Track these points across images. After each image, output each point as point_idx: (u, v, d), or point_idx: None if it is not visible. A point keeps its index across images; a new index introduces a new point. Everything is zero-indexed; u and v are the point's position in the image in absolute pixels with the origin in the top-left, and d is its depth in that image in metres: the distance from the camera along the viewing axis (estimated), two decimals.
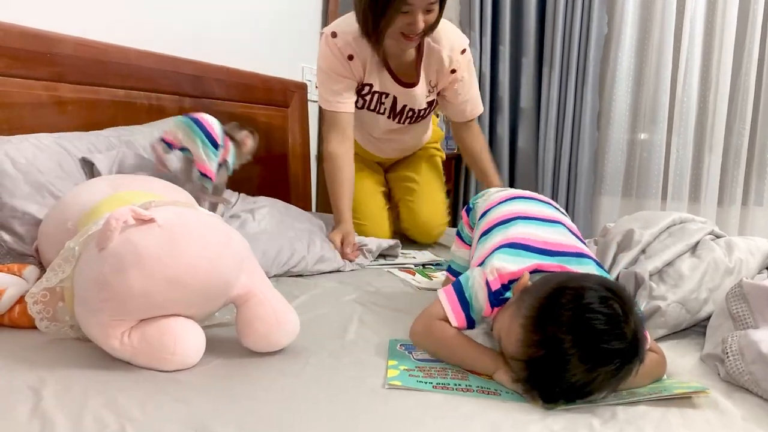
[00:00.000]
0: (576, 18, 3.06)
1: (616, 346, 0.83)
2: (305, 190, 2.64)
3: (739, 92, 2.96)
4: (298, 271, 1.56)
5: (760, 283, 1.08)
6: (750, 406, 0.91)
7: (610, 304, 0.85)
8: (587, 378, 0.84)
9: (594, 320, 0.83)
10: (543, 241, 1.11)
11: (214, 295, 0.98)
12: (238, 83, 2.25)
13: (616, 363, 0.83)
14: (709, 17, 2.99)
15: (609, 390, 0.87)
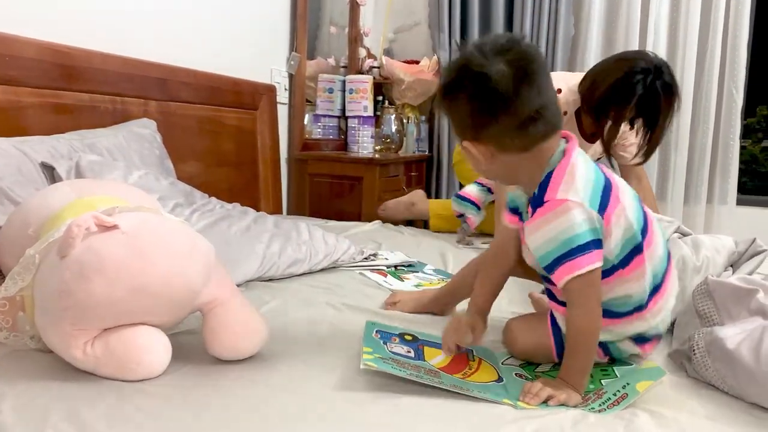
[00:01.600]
0: (543, 20, 3.09)
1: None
2: (276, 193, 2.62)
3: (703, 93, 3.01)
4: (270, 275, 1.54)
5: (725, 280, 1.10)
6: (717, 403, 0.93)
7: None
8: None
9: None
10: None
11: (181, 303, 0.96)
12: (205, 86, 2.23)
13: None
14: (672, 19, 3.04)
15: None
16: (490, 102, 0.92)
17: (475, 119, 0.95)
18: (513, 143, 0.95)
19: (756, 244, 1.33)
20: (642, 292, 1.00)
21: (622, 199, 0.98)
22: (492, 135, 0.95)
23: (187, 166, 2.10)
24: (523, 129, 0.94)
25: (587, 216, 0.92)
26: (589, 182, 0.96)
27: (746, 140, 4.56)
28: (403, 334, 1.10)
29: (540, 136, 0.95)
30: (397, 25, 3.50)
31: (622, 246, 0.97)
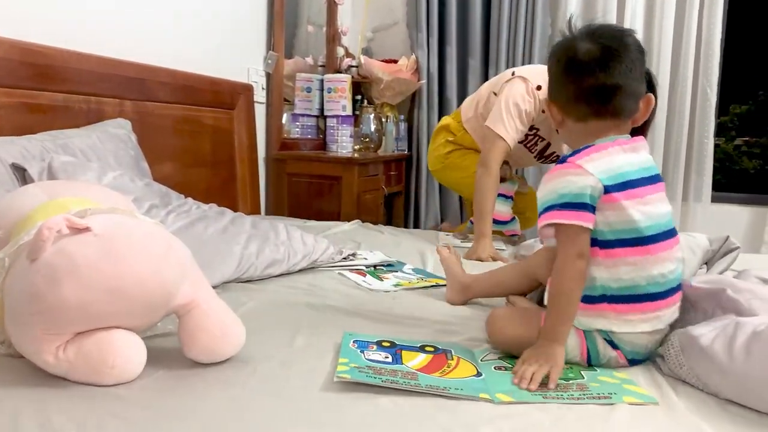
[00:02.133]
0: (520, 19, 3.11)
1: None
2: (254, 193, 2.60)
3: (678, 92, 3.05)
4: (248, 276, 1.52)
5: (698, 285, 1.11)
6: (694, 400, 0.94)
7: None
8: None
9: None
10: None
11: (156, 306, 0.95)
12: (183, 86, 2.20)
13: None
14: (647, 19, 3.08)
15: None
16: (570, 67, 1.11)
17: (557, 80, 1.15)
18: (573, 110, 1.12)
19: (729, 242, 1.34)
20: (609, 281, 1.04)
21: (638, 202, 1.04)
22: (561, 99, 1.14)
23: (164, 167, 2.08)
24: (581, 101, 1.10)
25: (593, 183, 1.03)
26: (615, 167, 1.05)
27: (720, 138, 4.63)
28: (381, 341, 1.10)
29: (593, 112, 1.09)
30: (376, 24, 3.50)
31: (613, 231, 1.03)
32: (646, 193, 1.07)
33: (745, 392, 0.90)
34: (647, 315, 1.05)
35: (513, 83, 2.10)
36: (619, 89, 1.08)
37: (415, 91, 3.31)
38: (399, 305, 1.40)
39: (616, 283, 1.03)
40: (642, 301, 1.04)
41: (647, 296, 1.04)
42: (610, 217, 1.03)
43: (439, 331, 1.23)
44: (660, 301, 1.05)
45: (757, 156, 4.97)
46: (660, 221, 1.06)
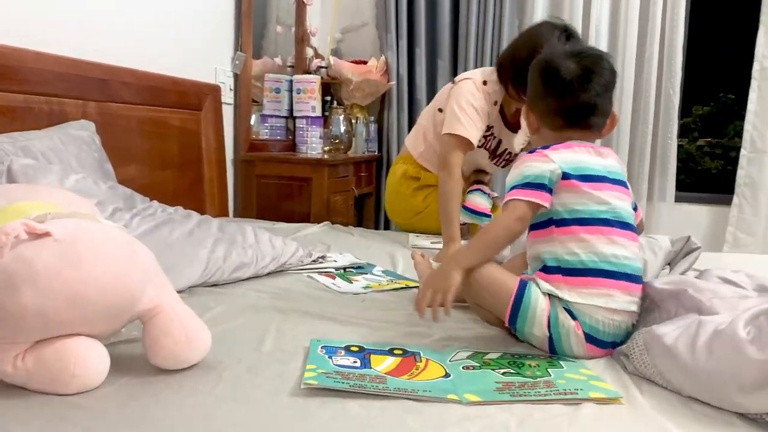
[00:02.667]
0: (488, 21, 3.13)
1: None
2: (221, 195, 2.57)
3: (642, 95, 3.10)
4: (215, 281, 1.51)
5: (662, 286, 1.14)
6: (658, 398, 0.95)
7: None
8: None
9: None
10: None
11: (119, 312, 0.93)
12: (147, 86, 2.17)
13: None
14: (612, 24, 3.13)
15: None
16: (551, 83, 1.24)
17: (537, 93, 1.28)
18: (549, 121, 1.26)
19: (690, 242, 1.37)
20: (563, 254, 1.14)
21: (596, 191, 1.16)
22: (540, 109, 1.27)
23: (129, 169, 2.04)
24: (559, 115, 1.24)
25: (553, 168, 1.16)
26: (576, 160, 1.18)
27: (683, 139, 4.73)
28: (349, 346, 1.09)
29: (568, 125, 1.24)
30: (345, 25, 3.49)
31: (568, 211, 1.15)
32: (606, 188, 1.18)
33: (707, 389, 0.92)
34: (599, 290, 1.12)
35: (458, 87, 2.12)
36: (595, 108, 1.23)
37: (385, 93, 3.31)
38: (369, 308, 1.40)
39: (570, 256, 1.13)
40: (593, 275, 1.12)
41: (598, 272, 1.12)
42: (566, 198, 1.16)
43: (408, 333, 1.23)
44: (611, 280, 1.12)
45: (719, 156, 5.09)
46: (617, 211, 1.16)
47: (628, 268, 1.14)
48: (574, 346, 1.12)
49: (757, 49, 2.97)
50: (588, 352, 1.12)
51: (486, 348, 1.14)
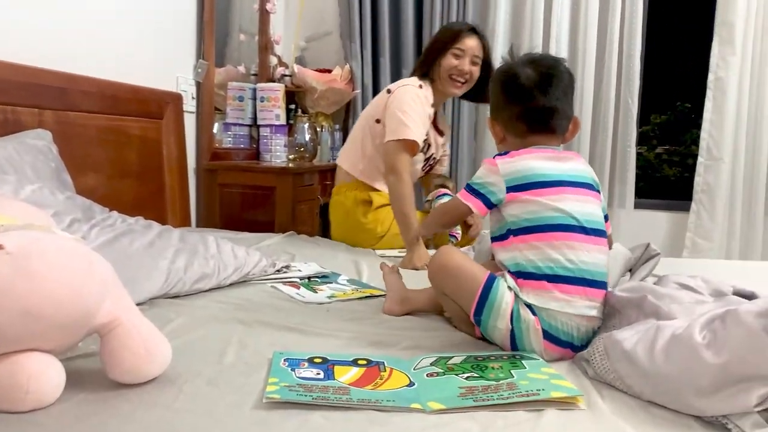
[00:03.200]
0: None
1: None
2: (183, 205, 2.53)
3: (601, 103, 3.17)
4: (176, 292, 1.48)
5: (622, 294, 1.16)
6: (618, 403, 0.97)
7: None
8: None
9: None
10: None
11: (75, 326, 0.90)
12: (107, 95, 2.13)
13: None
14: (572, 35, 3.19)
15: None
16: (510, 90, 1.30)
17: (499, 102, 1.32)
18: (513, 128, 1.31)
19: (650, 249, 1.40)
20: (520, 259, 1.18)
21: (547, 198, 1.19)
22: (503, 117, 1.32)
23: (88, 179, 2.00)
24: (521, 120, 1.29)
25: (495, 180, 1.23)
26: (525, 169, 1.22)
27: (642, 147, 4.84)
28: (313, 357, 1.09)
29: (531, 130, 1.28)
30: (309, 33, 3.49)
31: (519, 221, 1.20)
32: (564, 192, 1.21)
33: (665, 393, 0.94)
34: (554, 294, 1.14)
35: (397, 95, 2.18)
36: (555, 111, 1.28)
37: (350, 101, 3.31)
38: (333, 317, 1.39)
39: (527, 262, 1.17)
40: (549, 280, 1.15)
41: (554, 277, 1.15)
42: (515, 210, 1.21)
43: (373, 342, 1.22)
44: (568, 285, 1.14)
45: (676, 164, 5.22)
46: (575, 216, 1.18)
47: (587, 273, 1.16)
48: (534, 343, 1.15)
49: (712, 59, 3.06)
50: (546, 349, 1.15)
51: (451, 352, 1.15)
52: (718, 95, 3.06)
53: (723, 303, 1.13)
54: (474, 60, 2.25)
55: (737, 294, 1.25)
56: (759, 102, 3.02)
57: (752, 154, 3.07)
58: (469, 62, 2.25)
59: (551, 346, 1.15)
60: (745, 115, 3.04)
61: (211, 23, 2.70)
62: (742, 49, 3.00)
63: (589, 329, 1.16)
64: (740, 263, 2.52)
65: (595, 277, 1.18)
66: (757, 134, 3.04)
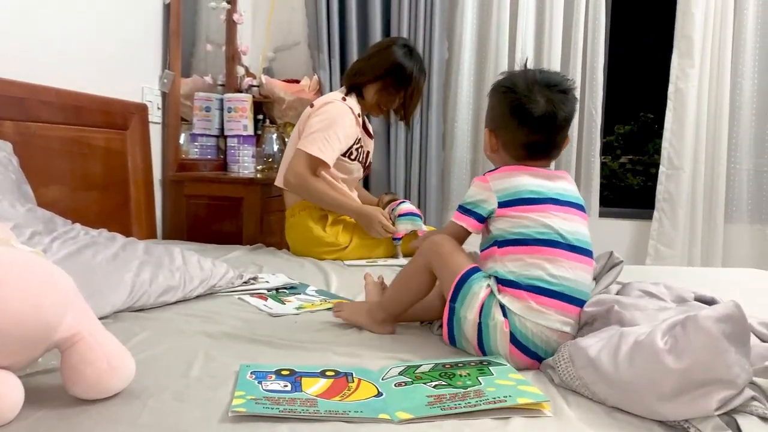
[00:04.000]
0: (419, 44, 3.19)
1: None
2: (149, 217, 2.50)
3: None
4: (140, 305, 1.46)
5: (589, 309, 1.18)
6: (583, 409, 0.98)
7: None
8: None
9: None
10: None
11: (34, 341, 0.88)
12: (70, 105, 2.09)
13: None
14: (537, 47, 3.24)
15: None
16: (520, 117, 1.28)
17: (502, 121, 1.32)
18: (513, 150, 1.32)
19: (613, 257, 1.42)
20: (501, 268, 1.20)
21: (536, 215, 1.21)
22: (505, 137, 1.32)
23: (50, 191, 1.96)
24: (524, 147, 1.30)
25: (486, 197, 1.26)
26: (517, 185, 1.25)
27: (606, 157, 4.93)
28: (280, 369, 1.08)
29: (530, 156, 1.30)
30: (277, 44, 3.48)
31: (504, 234, 1.22)
32: (551, 210, 1.22)
33: (629, 399, 0.95)
34: (530, 303, 1.16)
35: (319, 107, 2.21)
36: (557, 144, 1.32)
37: None
38: (301, 329, 1.38)
39: (506, 272, 1.19)
40: (526, 290, 1.17)
41: (532, 287, 1.17)
42: (504, 225, 1.23)
43: (341, 353, 1.22)
44: (544, 297, 1.16)
45: (640, 173, 5.33)
46: (561, 234, 1.20)
47: (566, 288, 1.17)
48: (499, 344, 1.17)
49: (672, 71, 3.14)
50: (512, 354, 1.16)
51: (419, 361, 1.15)
52: (678, 106, 3.14)
53: (685, 309, 1.15)
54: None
55: (698, 300, 1.28)
56: (717, 112, 3.11)
57: (711, 163, 3.15)
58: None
59: (518, 353, 1.16)
60: (704, 125, 3.13)
61: (177, 33, 2.68)
62: (700, 61, 3.09)
63: (559, 345, 1.15)
64: (701, 270, 2.58)
65: (574, 294, 1.19)
66: (716, 144, 3.13)
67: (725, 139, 3.10)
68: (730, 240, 3.17)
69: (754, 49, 3.07)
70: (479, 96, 3.30)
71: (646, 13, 4.86)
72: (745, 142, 3.12)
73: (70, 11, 2.15)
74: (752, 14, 3.05)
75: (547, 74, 1.32)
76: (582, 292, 1.20)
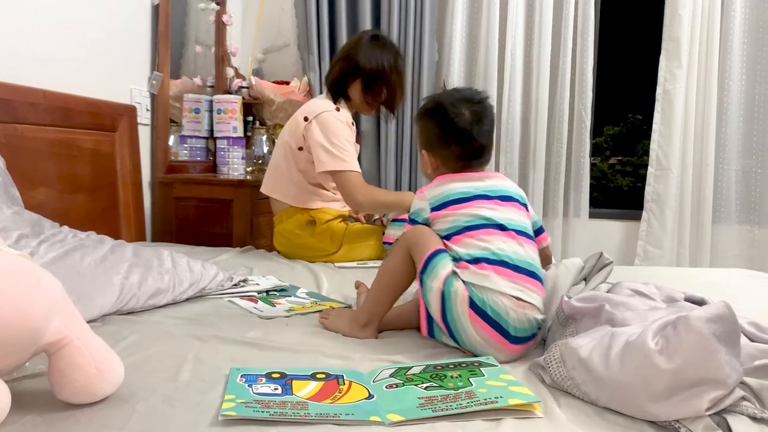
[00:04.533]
0: (409, 45, 3.19)
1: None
2: (138, 219, 2.48)
3: (556, 117, 3.23)
4: (129, 308, 1.44)
5: (579, 304, 1.18)
6: (575, 410, 0.98)
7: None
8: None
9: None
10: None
11: (21, 346, 0.87)
12: (57, 107, 2.07)
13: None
14: (527, 49, 3.25)
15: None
16: (452, 132, 1.40)
17: (437, 140, 1.43)
18: (452, 163, 1.42)
19: (603, 258, 1.43)
20: (458, 254, 1.28)
21: (464, 210, 1.33)
22: (441, 154, 1.43)
23: (37, 194, 1.94)
24: (459, 159, 1.42)
25: (423, 206, 1.38)
26: (444, 192, 1.37)
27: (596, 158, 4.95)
28: (270, 372, 1.07)
29: (466, 166, 1.41)
30: (266, 45, 3.47)
31: (445, 230, 1.33)
32: (477, 203, 1.34)
33: (620, 399, 0.95)
34: (472, 269, 1.25)
35: (318, 122, 2.16)
36: (488, 148, 1.43)
37: None
38: (292, 331, 1.38)
39: (458, 253, 1.28)
40: (475, 262, 1.25)
41: (478, 260, 1.26)
42: (439, 225, 1.35)
43: (332, 356, 1.21)
44: (483, 263, 1.25)
45: (629, 174, 5.36)
46: (491, 218, 1.31)
47: (505, 257, 1.26)
48: (460, 311, 1.22)
49: (660, 73, 3.16)
50: (473, 323, 1.21)
51: (410, 363, 1.15)
52: (666, 107, 3.16)
53: (675, 309, 1.15)
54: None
55: (688, 300, 1.29)
56: (705, 113, 3.13)
57: (699, 163, 3.17)
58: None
59: (478, 319, 1.21)
60: (692, 126, 3.14)
61: (166, 34, 2.67)
62: (687, 62, 3.11)
63: (522, 318, 1.21)
64: (690, 270, 2.59)
65: (517, 263, 1.26)
66: (704, 145, 3.15)
67: (713, 139, 3.12)
68: (717, 240, 3.19)
69: (741, 50, 3.10)
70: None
71: (634, 15, 4.89)
72: (733, 142, 3.14)
73: (57, 12, 2.13)
74: (739, 16, 3.08)
75: (463, 91, 1.48)
76: (526, 262, 1.28)
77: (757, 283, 2.00)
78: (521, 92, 3.25)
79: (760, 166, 3.14)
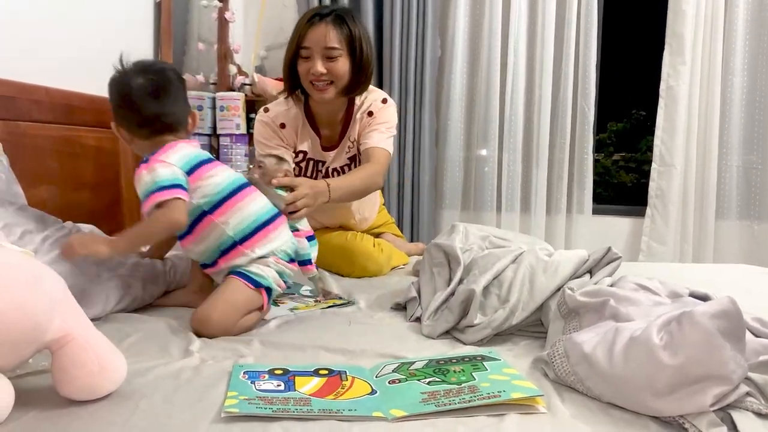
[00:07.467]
0: (411, 42, 3.18)
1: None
2: (141, 216, 2.47)
3: (559, 113, 3.22)
4: (133, 306, 1.45)
5: (584, 299, 1.17)
6: (578, 405, 0.98)
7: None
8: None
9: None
10: None
11: (22, 343, 0.87)
12: (60, 104, 2.07)
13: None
14: (530, 46, 3.23)
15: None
16: (123, 103, 1.43)
17: (117, 112, 1.45)
18: (138, 133, 1.44)
19: (611, 253, 1.42)
20: (234, 226, 1.39)
21: (213, 172, 1.41)
22: (124, 125, 1.45)
23: (40, 191, 1.94)
24: (143, 126, 1.43)
25: (171, 171, 1.35)
26: (185, 155, 1.40)
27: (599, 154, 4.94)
28: (273, 369, 1.07)
29: (154, 132, 1.43)
30: (269, 42, 3.47)
31: (211, 196, 1.39)
32: (209, 169, 1.41)
33: (624, 395, 0.95)
34: (265, 239, 1.42)
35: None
36: (169, 114, 1.43)
37: None
38: (295, 329, 1.38)
39: (240, 225, 1.39)
40: (260, 230, 1.40)
41: (263, 224, 1.41)
42: (202, 190, 1.39)
43: (335, 352, 1.21)
44: (267, 227, 1.42)
45: (633, 170, 5.34)
46: (224, 186, 1.41)
47: (267, 215, 1.44)
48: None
49: (663, 69, 3.15)
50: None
51: (413, 358, 1.14)
52: (670, 103, 3.14)
53: (680, 304, 1.15)
54: (329, 54, 1.85)
55: (693, 295, 1.28)
56: (708, 109, 3.12)
57: (703, 159, 3.16)
58: (323, 59, 1.86)
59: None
60: (695, 122, 3.13)
61: (168, 32, 2.67)
62: (691, 58, 3.09)
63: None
64: (693, 266, 2.59)
65: (267, 215, 1.44)
66: (707, 141, 3.14)
67: (716, 136, 3.11)
68: (720, 236, 3.18)
69: (744, 46, 3.08)
70: (472, 93, 3.30)
71: (638, 11, 4.87)
72: (736, 139, 3.13)
73: (60, 9, 2.13)
74: (743, 12, 3.06)
75: (141, 62, 1.48)
76: (262, 212, 1.46)
77: (761, 278, 1.99)
78: (524, 88, 3.24)
79: (761, 162, 3.13)
